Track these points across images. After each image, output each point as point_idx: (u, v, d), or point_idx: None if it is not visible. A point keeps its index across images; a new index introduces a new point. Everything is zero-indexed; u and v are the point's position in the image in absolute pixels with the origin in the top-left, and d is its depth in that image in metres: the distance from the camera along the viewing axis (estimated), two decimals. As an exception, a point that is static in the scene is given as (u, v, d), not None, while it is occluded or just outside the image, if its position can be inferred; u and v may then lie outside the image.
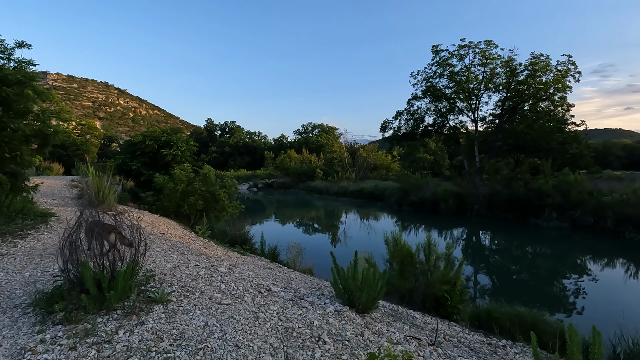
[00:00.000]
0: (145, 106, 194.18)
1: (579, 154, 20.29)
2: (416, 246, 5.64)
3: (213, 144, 76.72)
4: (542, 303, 8.05)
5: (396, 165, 49.48)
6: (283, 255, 9.98)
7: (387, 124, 25.21)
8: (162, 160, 10.96)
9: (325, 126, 73.55)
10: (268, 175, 48.81)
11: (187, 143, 11.99)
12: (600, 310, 7.39)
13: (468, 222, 19.55)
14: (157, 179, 8.67)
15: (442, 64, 20.94)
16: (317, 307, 3.40)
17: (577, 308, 7.63)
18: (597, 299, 8.19)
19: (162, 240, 6.02)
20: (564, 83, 19.62)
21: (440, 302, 5.27)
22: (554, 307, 7.92)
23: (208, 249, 6.87)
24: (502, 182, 20.62)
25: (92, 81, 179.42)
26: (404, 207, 23.80)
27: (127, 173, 11.75)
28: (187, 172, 9.00)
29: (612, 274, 10.04)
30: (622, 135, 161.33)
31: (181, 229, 7.73)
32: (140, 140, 11.35)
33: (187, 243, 6.58)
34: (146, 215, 7.66)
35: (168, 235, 6.62)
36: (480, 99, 21.19)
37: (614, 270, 10.42)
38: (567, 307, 7.70)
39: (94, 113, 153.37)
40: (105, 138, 74.37)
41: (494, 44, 20.10)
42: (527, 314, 5.25)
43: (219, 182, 9.03)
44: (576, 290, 8.74)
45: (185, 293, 3.17)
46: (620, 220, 14.80)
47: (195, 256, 5.38)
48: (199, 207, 8.30)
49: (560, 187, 17.07)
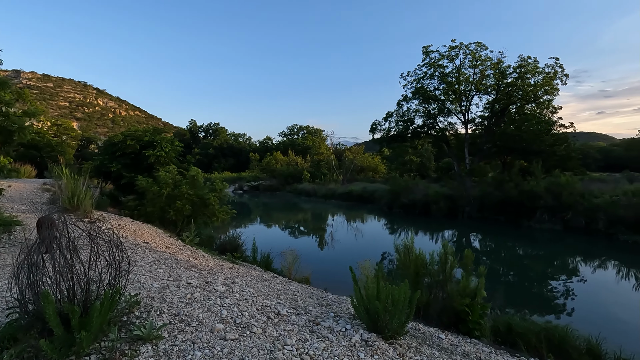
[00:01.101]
0: (126, 107, 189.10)
1: (567, 156, 20.43)
2: (430, 255, 5.14)
3: (196, 146, 75.03)
4: (547, 309, 7.73)
5: (383, 167, 49.42)
6: (276, 262, 9.38)
7: (376, 126, 24.90)
8: (145, 162, 10.16)
9: (311, 128, 73.09)
10: (254, 177, 47.88)
11: (172, 143, 11.22)
12: (611, 319, 7.09)
13: (460, 224, 19.34)
14: (140, 182, 7.92)
15: (432, 65, 20.76)
16: (340, 337, 2.83)
17: (584, 314, 7.31)
18: (604, 305, 7.93)
19: (147, 251, 5.32)
20: (552, 85, 19.72)
21: (460, 316, 4.78)
22: (560, 312, 7.62)
23: (198, 259, 6.20)
24: (493, 184, 20.55)
25: (69, 80, 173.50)
26: (394, 210, 23.47)
27: (106, 175, 10.87)
28: (173, 174, 8.28)
29: (617, 279, 9.85)
30: (596, 138, 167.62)
31: (167, 236, 7.01)
32: (121, 140, 10.52)
33: (175, 253, 5.89)
34: (127, 222, 6.91)
35: (153, 245, 5.91)
36: (471, 101, 21.12)
37: (617, 275, 10.25)
38: (575, 314, 7.37)
39: (71, 113, 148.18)
40: (83, 139, 71.65)
41: (484, 46, 20.07)
42: (553, 329, 4.82)
43: (208, 185, 8.34)
44: (581, 295, 8.47)
45: (180, 325, 2.54)
46: (612, 222, 14.82)
47: (186, 270, 4.72)
48: (187, 213, 7.59)
49: (552, 188, 17.05)
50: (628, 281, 9.64)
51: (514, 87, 20.82)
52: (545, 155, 20.21)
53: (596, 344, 4.78)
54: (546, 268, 10.87)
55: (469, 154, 22.05)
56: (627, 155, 63.87)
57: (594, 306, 7.92)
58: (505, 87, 20.62)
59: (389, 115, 24.27)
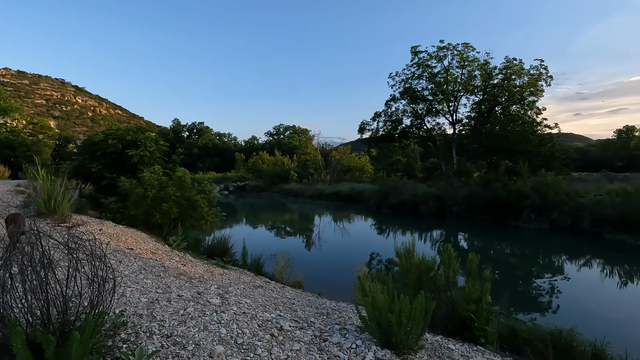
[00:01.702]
0: (106, 105, 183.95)
1: (551, 156, 20.78)
2: (431, 258, 4.93)
3: (180, 146, 73.55)
4: (542, 310, 7.71)
5: (370, 167, 49.52)
6: (267, 265, 9.07)
7: (365, 126, 24.80)
8: (128, 162, 9.66)
9: (297, 128, 72.73)
10: (240, 177, 47.20)
11: (156, 143, 10.74)
12: (602, 320, 7.08)
13: (449, 224, 19.41)
14: (123, 184, 7.46)
15: (421, 65, 20.77)
16: (352, 355, 2.57)
17: (581, 314, 7.29)
18: (596, 304, 7.95)
19: (131, 259, 4.94)
20: (538, 86, 20.02)
21: (465, 323, 4.60)
22: (551, 311, 7.62)
23: (186, 265, 5.83)
24: (481, 184, 20.73)
25: (46, 78, 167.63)
26: (383, 210, 23.42)
27: (86, 176, 10.30)
28: (158, 175, 7.85)
29: (602, 277, 9.94)
30: (573, 139, 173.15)
31: (152, 241, 6.60)
32: (102, 139, 9.97)
33: (162, 260, 5.52)
34: (109, 226, 6.47)
35: (138, 251, 5.52)
36: (459, 101, 21.24)
37: (602, 273, 10.35)
38: (573, 315, 7.35)
39: (48, 112, 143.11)
40: (61, 138, 69.45)
41: (472, 47, 20.21)
42: (559, 334, 4.70)
43: (197, 187, 7.94)
44: (574, 294, 8.49)
45: (174, 348, 2.23)
46: (596, 221, 15.09)
47: (175, 279, 4.38)
48: (174, 216, 7.19)
49: (539, 188, 17.27)
50: (612, 279, 9.76)
51: (500, 88, 21.05)
52: (531, 155, 20.52)
53: (601, 348, 4.68)
54: (536, 267, 10.92)
55: (456, 154, 22.18)
56: (603, 155, 66.03)
57: (589, 305, 7.93)
58: (492, 88, 20.83)
59: (377, 115, 24.21)
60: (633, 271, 10.50)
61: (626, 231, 13.61)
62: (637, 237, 13.12)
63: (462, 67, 20.23)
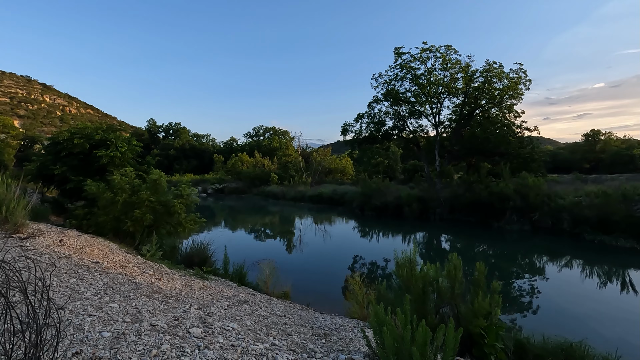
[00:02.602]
0: (76, 104, 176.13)
1: (530, 158, 21.10)
2: (431, 267, 4.50)
3: (156, 147, 71.15)
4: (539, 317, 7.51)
5: (351, 169, 49.41)
6: (250, 273, 8.50)
7: (348, 127, 24.48)
8: (96, 164, 8.82)
9: (278, 129, 71.88)
10: (219, 180, 45.96)
11: (129, 143, 9.92)
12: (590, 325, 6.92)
13: (432, 226, 19.32)
14: (89, 187, 6.69)
15: (404, 66, 20.65)
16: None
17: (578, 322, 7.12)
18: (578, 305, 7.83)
19: (96, 275, 4.26)
20: (518, 90, 20.31)
21: (473, 339, 4.22)
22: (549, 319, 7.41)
23: (162, 279, 5.19)
24: (463, 185, 20.80)
25: (10, 74, 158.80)
26: (366, 212, 23.14)
27: (49, 179, 9.36)
28: (130, 178, 7.12)
29: (582, 278, 9.93)
30: (543, 142, 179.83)
31: (123, 252, 5.89)
32: (67, 139, 9.08)
33: (133, 275, 4.86)
34: (72, 236, 5.71)
35: (105, 266, 4.83)
36: (442, 103, 21.26)
37: (582, 274, 10.36)
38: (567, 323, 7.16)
39: (13, 110, 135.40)
40: (27, 139, 65.70)
41: (454, 49, 20.28)
42: (571, 349, 4.39)
43: (174, 191, 7.26)
44: (559, 296, 8.37)
45: (143, 412, 1.67)
46: (576, 222, 15.32)
47: (147, 299, 3.76)
48: (147, 223, 6.49)
49: (520, 190, 17.43)
50: (592, 279, 9.77)
51: (481, 91, 21.24)
52: (510, 157, 20.78)
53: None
54: (520, 269, 10.83)
55: (438, 155, 22.21)
56: (572, 158, 68.87)
57: (569, 307, 7.79)
58: (474, 91, 20.97)
59: (360, 116, 23.95)
60: (612, 272, 10.57)
61: (605, 232, 13.84)
62: (617, 237, 13.35)
63: (445, 70, 20.25)
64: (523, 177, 18.01)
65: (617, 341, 5.75)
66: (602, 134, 72.18)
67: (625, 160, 58.12)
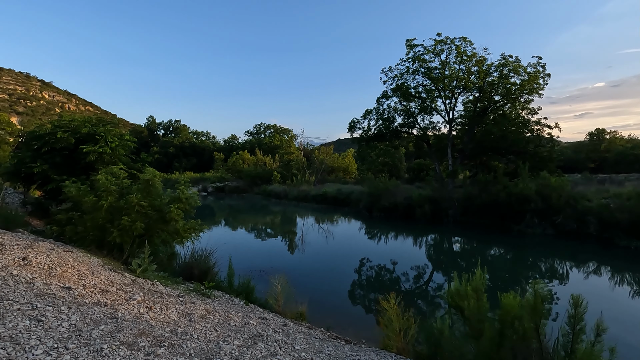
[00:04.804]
0: (75, 101, 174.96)
1: (548, 157, 20.03)
2: (514, 298, 3.39)
3: (155, 144, 70.05)
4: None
5: (354, 168, 48.37)
6: (257, 285, 7.47)
7: (355, 124, 23.36)
8: (82, 161, 7.72)
9: (279, 127, 70.75)
10: (219, 178, 44.88)
11: (120, 137, 8.82)
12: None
13: (446, 229, 18.25)
14: (68, 190, 5.59)
15: (417, 59, 19.50)
16: None
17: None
18: None
19: (62, 310, 3.17)
20: (539, 84, 19.18)
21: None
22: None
23: (153, 307, 4.09)
24: (477, 186, 19.72)
25: (9, 71, 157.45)
26: (374, 213, 22.07)
27: (29, 178, 8.25)
28: (119, 177, 6.02)
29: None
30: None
31: (106, 270, 4.80)
32: (49, 132, 7.97)
33: (115, 304, 3.76)
34: (42, 250, 4.61)
35: (78, 293, 3.74)
36: (457, 98, 20.14)
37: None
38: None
39: (11, 107, 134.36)
40: (24, 135, 64.71)
41: (469, 41, 19.16)
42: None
43: (170, 194, 6.15)
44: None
45: None
46: (604, 226, 14.26)
47: (128, 350, 2.67)
48: (138, 232, 5.40)
49: (542, 191, 16.34)
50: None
51: (496, 86, 20.13)
52: (527, 156, 19.70)
53: None
54: (561, 279, 9.74)
55: (450, 154, 21.13)
56: (575, 157, 67.94)
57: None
58: (490, 86, 19.86)
59: (368, 112, 22.83)
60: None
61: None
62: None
63: (460, 63, 19.12)
64: (544, 177, 16.92)
65: None
66: (606, 133, 71.23)
67: (631, 159, 57.18)
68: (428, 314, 7.51)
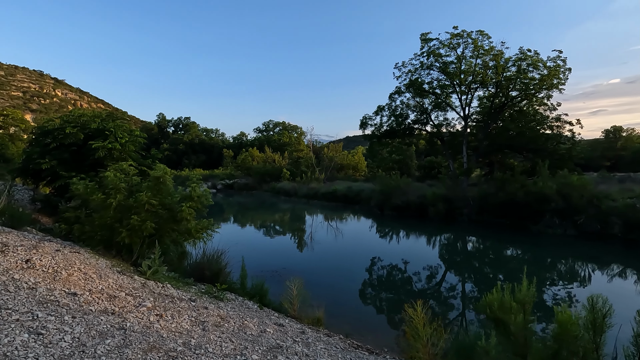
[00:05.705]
0: (87, 99, 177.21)
1: (567, 155, 19.33)
2: (571, 316, 2.99)
3: (165, 141, 70.47)
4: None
5: (364, 165, 47.87)
6: (271, 287, 7.15)
7: (367, 120, 22.90)
8: (91, 157, 7.49)
9: (288, 124, 70.49)
10: (228, 175, 44.84)
11: (130, 133, 8.57)
12: None
13: (460, 228, 17.75)
14: (75, 187, 5.34)
15: (432, 53, 18.93)
16: None
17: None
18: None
19: (66, 320, 2.88)
20: (560, 79, 18.44)
21: None
22: None
23: (165, 314, 3.79)
24: (494, 184, 19.14)
25: (23, 69, 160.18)
26: (386, 212, 21.63)
27: (37, 175, 8.06)
28: (128, 174, 5.75)
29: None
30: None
31: (115, 273, 4.52)
32: (58, 127, 7.76)
33: (124, 312, 3.47)
34: (47, 252, 4.35)
35: (84, 299, 3.46)
36: (473, 94, 19.53)
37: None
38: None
39: (25, 104, 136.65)
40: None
41: (487, 35, 18.52)
42: None
43: (182, 192, 5.86)
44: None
45: None
46: (630, 227, 13.64)
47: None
48: (148, 232, 5.12)
49: (562, 190, 15.72)
50: None
51: (514, 81, 19.45)
52: (545, 153, 19.02)
53: None
54: (590, 284, 9.24)
55: (465, 152, 20.54)
56: (591, 155, 66.09)
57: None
58: (507, 81, 19.19)
59: (381, 109, 22.33)
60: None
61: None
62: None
63: (477, 57, 18.50)
64: (564, 175, 16.28)
65: None
66: (623, 131, 69.19)
67: (649, 157, 55.36)
68: (452, 321, 7.11)
